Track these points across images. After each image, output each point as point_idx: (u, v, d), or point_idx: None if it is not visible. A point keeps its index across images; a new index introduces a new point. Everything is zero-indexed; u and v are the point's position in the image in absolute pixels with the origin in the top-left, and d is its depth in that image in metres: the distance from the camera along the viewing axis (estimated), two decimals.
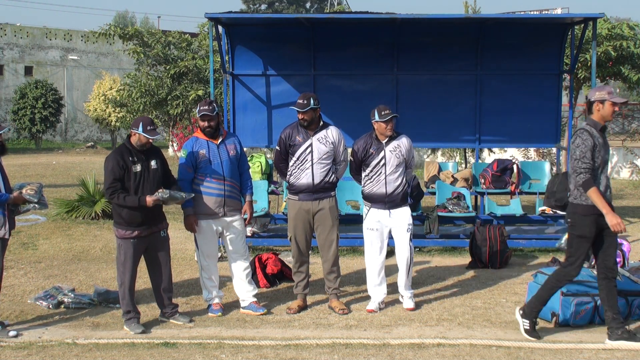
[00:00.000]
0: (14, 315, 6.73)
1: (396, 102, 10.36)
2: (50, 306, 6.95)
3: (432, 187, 10.64)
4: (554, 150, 13.92)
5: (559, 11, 25.24)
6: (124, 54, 18.35)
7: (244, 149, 7.10)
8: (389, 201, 6.81)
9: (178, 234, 9.78)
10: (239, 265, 6.85)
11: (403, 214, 6.87)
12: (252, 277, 7.06)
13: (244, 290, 6.85)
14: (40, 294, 7.18)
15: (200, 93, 15.11)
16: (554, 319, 6.32)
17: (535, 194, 10.37)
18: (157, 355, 5.68)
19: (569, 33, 10.59)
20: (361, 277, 7.87)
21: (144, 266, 6.61)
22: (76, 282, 7.94)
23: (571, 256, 5.99)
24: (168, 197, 6.24)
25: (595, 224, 5.83)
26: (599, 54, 12.21)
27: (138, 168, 6.27)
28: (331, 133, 6.84)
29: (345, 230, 9.52)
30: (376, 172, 6.80)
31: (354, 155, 6.93)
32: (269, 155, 14.09)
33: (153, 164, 6.37)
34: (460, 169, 12.27)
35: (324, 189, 6.81)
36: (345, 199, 9.81)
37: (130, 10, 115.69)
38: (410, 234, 6.86)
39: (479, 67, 10.57)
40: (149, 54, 15.53)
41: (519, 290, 7.51)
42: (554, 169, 13.14)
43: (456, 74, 10.69)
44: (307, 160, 6.76)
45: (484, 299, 7.26)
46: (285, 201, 8.94)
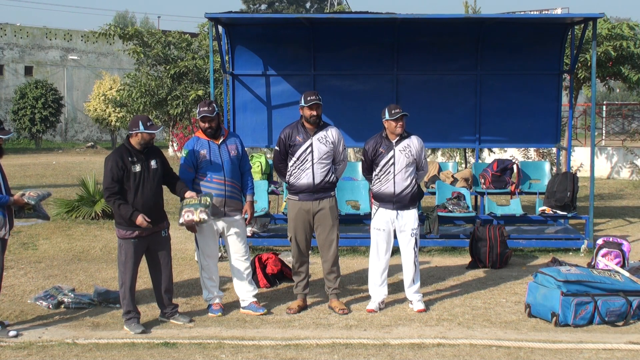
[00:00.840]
0: (14, 315, 6.73)
1: (396, 102, 10.34)
2: (50, 306, 6.95)
3: (432, 187, 10.63)
4: (554, 150, 13.92)
5: (559, 11, 25.25)
6: (124, 54, 18.34)
7: (245, 149, 7.11)
8: (397, 201, 6.81)
9: (178, 234, 9.78)
10: (239, 265, 6.85)
11: (410, 216, 6.86)
12: (252, 277, 7.05)
13: (244, 290, 6.85)
14: (40, 294, 7.18)
15: (200, 93, 15.09)
16: (554, 319, 6.32)
17: (535, 194, 10.37)
18: (157, 355, 5.68)
19: (569, 33, 10.60)
20: (361, 277, 7.87)
21: (144, 266, 6.61)
22: (76, 282, 7.94)
23: None
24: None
25: None
26: (599, 54, 12.21)
27: (138, 168, 6.26)
28: (331, 133, 6.84)
29: (345, 230, 9.52)
30: (385, 172, 6.81)
31: (364, 155, 6.95)
32: (268, 155, 14.09)
33: (153, 163, 6.36)
34: (460, 169, 12.27)
35: (324, 189, 6.81)
36: (345, 199, 9.81)
37: (130, 10, 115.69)
38: (415, 238, 6.87)
39: (479, 67, 10.57)
40: (149, 54, 15.50)
41: (519, 290, 7.51)
42: (554, 169, 13.15)
43: (456, 74, 10.69)
44: (308, 160, 6.76)
45: (484, 299, 7.26)
46: (285, 201, 8.94)
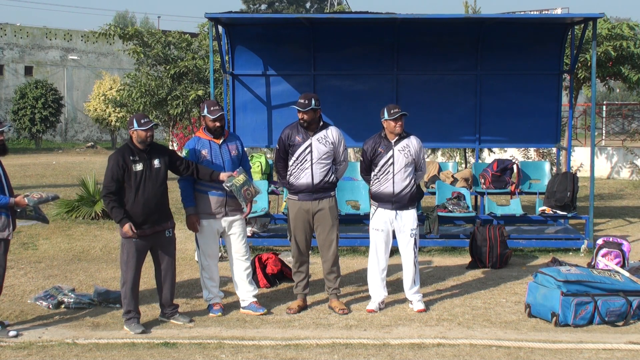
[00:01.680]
0: (14, 315, 6.73)
1: (396, 102, 10.33)
2: (50, 306, 6.95)
3: (432, 187, 10.63)
4: (554, 150, 13.92)
5: (559, 11, 25.26)
6: (124, 54, 18.35)
7: (245, 150, 7.11)
8: (396, 201, 6.80)
9: (178, 233, 9.71)
10: (239, 265, 6.85)
11: (409, 217, 6.86)
12: (252, 277, 7.05)
13: (245, 291, 6.85)
14: (40, 294, 7.18)
15: (200, 93, 15.10)
16: (554, 319, 6.32)
17: (535, 194, 10.37)
18: (157, 355, 5.68)
19: (569, 33, 10.59)
20: (361, 277, 7.87)
21: (146, 266, 6.61)
22: (76, 282, 7.94)
23: None
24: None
25: None
26: (599, 54, 12.21)
27: (139, 167, 6.25)
28: (331, 133, 6.83)
29: (345, 230, 9.52)
30: (384, 171, 6.80)
31: (363, 155, 6.94)
32: (269, 155, 14.09)
33: (156, 163, 6.34)
34: (460, 169, 12.27)
35: (323, 189, 6.81)
36: (345, 199, 9.81)
37: (130, 10, 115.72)
38: (414, 239, 6.87)
39: (479, 67, 10.57)
40: (149, 54, 15.51)
41: (519, 290, 7.51)
42: (554, 169, 13.15)
43: (456, 74, 10.69)
44: (307, 160, 6.76)
45: (484, 299, 7.26)
46: (285, 201, 8.94)
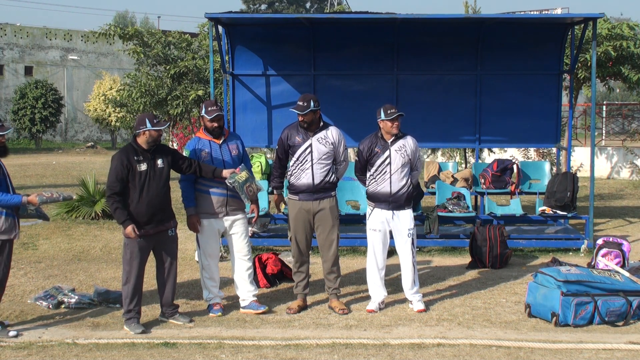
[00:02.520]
0: (14, 315, 6.74)
1: (396, 103, 10.35)
2: (50, 306, 6.95)
3: (432, 187, 10.63)
4: (554, 150, 13.92)
5: (559, 11, 25.27)
6: (124, 54, 18.34)
7: (246, 150, 7.11)
8: (393, 201, 6.80)
9: (179, 233, 9.76)
10: (241, 265, 6.86)
11: (405, 217, 6.85)
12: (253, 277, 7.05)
13: (245, 290, 6.85)
14: (40, 294, 7.19)
15: (200, 93, 15.09)
16: (554, 319, 6.32)
17: (535, 194, 10.37)
18: (157, 355, 5.68)
19: (569, 33, 10.59)
20: (361, 277, 7.87)
21: (148, 265, 6.61)
22: (76, 282, 7.94)
23: None
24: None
25: None
26: (599, 54, 12.21)
27: (143, 167, 6.26)
28: (331, 133, 6.83)
29: (346, 230, 9.52)
30: (381, 171, 6.80)
31: (359, 155, 6.93)
32: (269, 155, 14.09)
33: (159, 162, 6.35)
34: (460, 169, 12.28)
35: (324, 189, 6.81)
36: (345, 199, 9.81)
37: (130, 10, 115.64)
38: (411, 239, 6.87)
39: (479, 67, 10.56)
40: (149, 54, 15.50)
41: (519, 290, 7.52)
42: (554, 169, 13.15)
43: (456, 74, 10.68)
44: (307, 160, 6.76)
45: (484, 299, 7.26)
46: (285, 201, 8.94)
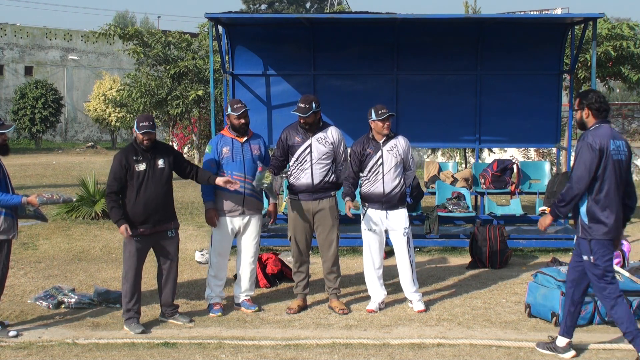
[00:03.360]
0: (14, 315, 6.73)
1: (396, 102, 10.37)
2: (50, 306, 6.95)
3: (432, 187, 10.63)
4: (554, 150, 13.92)
5: (559, 11, 25.26)
6: (124, 54, 18.37)
7: (268, 152, 7.12)
8: (386, 201, 6.80)
9: (179, 233, 9.76)
10: (246, 264, 6.90)
11: (399, 216, 6.85)
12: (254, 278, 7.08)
13: (243, 289, 6.91)
14: (40, 294, 7.18)
15: (200, 93, 15.12)
16: (554, 319, 6.33)
17: (535, 194, 10.38)
18: (157, 355, 5.68)
19: (569, 33, 10.60)
20: (361, 277, 7.86)
21: (147, 266, 6.61)
22: (76, 282, 7.94)
23: None
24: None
25: None
26: (599, 54, 12.22)
27: (142, 167, 6.26)
28: (331, 133, 6.83)
29: (345, 230, 9.51)
30: (374, 172, 6.79)
31: (352, 157, 6.89)
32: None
33: (160, 163, 6.34)
34: (460, 169, 12.28)
35: (323, 189, 6.81)
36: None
37: (130, 10, 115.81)
38: (407, 237, 6.86)
39: (479, 67, 10.57)
40: (149, 54, 15.53)
41: (519, 290, 7.52)
42: (554, 169, 13.15)
43: (456, 74, 10.69)
44: (307, 160, 6.76)
45: (484, 299, 7.26)
46: (285, 201, 8.94)
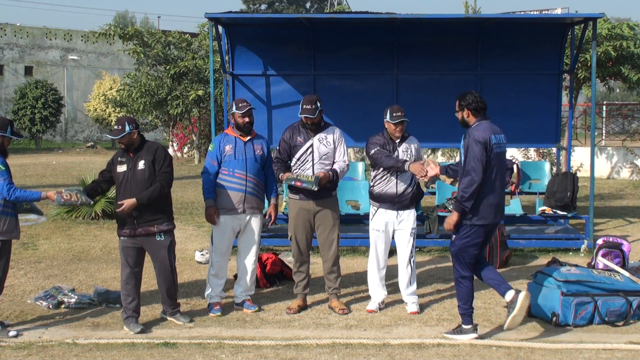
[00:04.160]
0: (14, 315, 6.73)
1: (396, 102, 10.33)
2: (50, 306, 6.95)
3: (432, 187, 10.62)
4: (554, 150, 13.92)
5: (559, 11, 25.25)
6: (124, 54, 18.37)
7: (271, 152, 7.13)
8: (399, 202, 6.80)
9: (178, 233, 9.71)
10: (247, 263, 6.89)
11: (410, 216, 6.86)
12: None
13: (243, 289, 6.90)
14: (40, 294, 7.18)
15: (200, 93, 15.12)
16: (554, 319, 6.32)
17: (535, 194, 10.37)
18: (157, 355, 5.68)
19: (569, 33, 10.60)
20: (361, 277, 7.87)
21: (147, 266, 6.60)
22: (76, 282, 7.94)
23: None
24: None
25: None
26: (599, 54, 12.21)
27: (122, 168, 6.29)
28: (332, 133, 6.84)
29: (346, 230, 9.51)
30: (388, 172, 6.79)
31: (378, 148, 6.72)
32: None
33: (141, 164, 6.28)
34: None
35: (324, 189, 6.79)
36: (345, 199, 9.81)
37: (130, 10, 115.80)
38: (412, 238, 6.87)
39: (479, 67, 10.56)
40: (149, 54, 15.53)
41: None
42: (554, 169, 13.15)
43: (456, 74, 10.68)
44: (308, 160, 6.77)
45: (484, 299, 7.25)
46: (285, 201, 8.94)
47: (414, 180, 6.84)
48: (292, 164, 6.86)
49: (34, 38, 37.88)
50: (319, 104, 6.70)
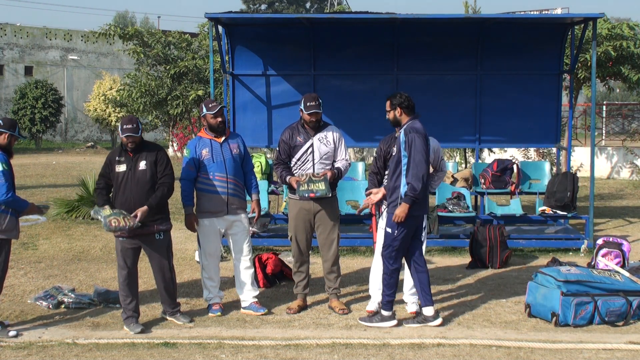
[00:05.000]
0: (14, 315, 6.73)
1: None
2: (50, 306, 6.95)
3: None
4: (554, 150, 13.92)
5: (559, 11, 25.27)
6: (124, 54, 18.34)
7: (247, 149, 7.12)
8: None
9: (178, 233, 9.78)
10: (241, 265, 6.86)
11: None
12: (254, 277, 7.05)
13: (246, 290, 6.86)
14: (40, 294, 7.18)
15: (200, 93, 15.09)
16: (554, 319, 6.32)
17: (535, 194, 10.37)
18: (157, 355, 5.68)
19: (569, 33, 10.59)
20: (361, 277, 7.88)
21: (146, 266, 6.60)
22: (76, 282, 7.94)
23: None
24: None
25: None
26: (599, 54, 12.21)
27: (122, 168, 6.27)
28: (331, 133, 6.84)
29: (345, 230, 9.52)
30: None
31: (378, 153, 6.85)
32: (269, 155, 14.09)
33: (142, 165, 6.29)
34: (460, 169, 12.28)
35: None
36: (345, 199, 9.80)
37: (130, 10, 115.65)
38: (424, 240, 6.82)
39: (479, 67, 10.57)
40: (149, 54, 15.50)
41: (519, 290, 7.51)
42: (554, 169, 13.15)
43: (456, 74, 10.68)
44: (309, 160, 6.76)
45: (484, 299, 7.26)
46: (285, 201, 8.94)
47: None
48: (292, 164, 6.85)
49: (34, 38, 37.86)
50: (320, 101, 6.75)
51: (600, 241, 8.26)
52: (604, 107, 24.71)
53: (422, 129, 6.23)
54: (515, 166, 10.74)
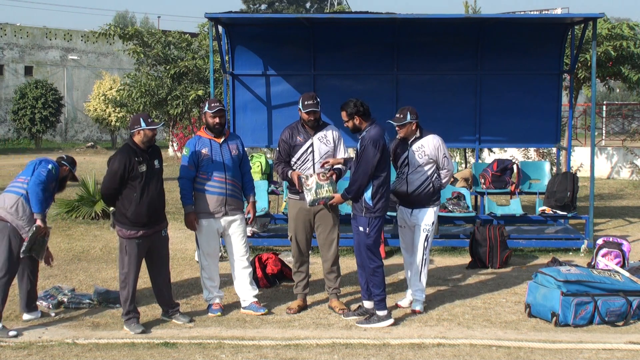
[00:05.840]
0: (14, 315, 6.73)
1: (396, 102, 10.35)
2: (50, 306, 6.95)
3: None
4: (554, 150, 13.92)
5: (559, 11, 25.27)
6: (124, 54, 18.35)
7: (245, 150, 7.11)
8: (410, 200, 6.84)
9: (178, 234, 9.78)
10: (239, 265, 6.86)
11: (422, 215, 6.86)
12: (253, 277, 7.05)
13: (245, 290, 6.85)
14: (40, 294, 7.17)
15: (200, 93, 15.10)
16: (554, 319, 6.32)
17: (535, 194, 10.37)
18: (157, 355, 5.68)
19: (569, 33, 10.60)
20: None
21: (143, 266, 6.60)
22: (76, 282, 7.94)
23: None
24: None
25: None
26: (599, 54, 12.21)
27: (144, 168, 6.26)
28: (331, 133, 6.85)
29: (346, 230, 9.51)
30: (401, 171, 6.91)
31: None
32: (269, 155, 14.09)
33: (156, 163, 6.38)
34: (460, 169, 12.28)
35: None
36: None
37: (130, 10, 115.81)
38: (426, 235, 6.84)
39: (479, 67, 10.56)
40: (149, 54, 15.52)
41: (519, 290, 7.52)
42: (554, 169, 13.15)
43: (456, 74, 10.68)
44: (309, 160, 6.76)
45: (484, 299, 7.26)
46: (285, 201, 8.94)
47: (427, 180, 6.83)
48: (292, 164, 6.84)
49: (34, 38, 37.85)
50: (318, 99, 6.75)
51: (600, 241, 8.26)
52: (604, 107, 24.70)
53: (379, 134, 6.33)
54: (515, 166, 10.74)
